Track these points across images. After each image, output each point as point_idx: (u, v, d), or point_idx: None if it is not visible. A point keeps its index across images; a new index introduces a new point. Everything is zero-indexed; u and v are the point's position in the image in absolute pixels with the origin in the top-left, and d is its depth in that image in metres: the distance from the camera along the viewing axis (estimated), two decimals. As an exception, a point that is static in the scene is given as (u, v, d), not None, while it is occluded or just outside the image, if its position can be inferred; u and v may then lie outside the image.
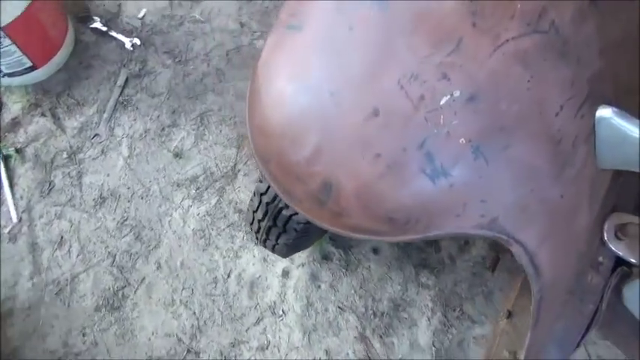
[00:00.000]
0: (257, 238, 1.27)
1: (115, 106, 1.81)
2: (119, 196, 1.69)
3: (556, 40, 0.67)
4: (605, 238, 0.94)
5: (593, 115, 0.72)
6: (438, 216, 0.70)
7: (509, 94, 0.66)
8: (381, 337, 1.61)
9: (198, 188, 1.74)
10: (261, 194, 1.07)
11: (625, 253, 0.95)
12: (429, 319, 1.65)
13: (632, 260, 0.95)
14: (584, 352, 1.58)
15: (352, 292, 1.66)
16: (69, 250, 1.60)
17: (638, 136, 0.71)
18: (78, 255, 1.60)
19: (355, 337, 1.60)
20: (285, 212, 1.05)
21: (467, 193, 0.68)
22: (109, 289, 1.58)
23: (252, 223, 1.22)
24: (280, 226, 1.11)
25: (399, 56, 0.65)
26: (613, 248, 0.95)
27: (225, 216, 1.71)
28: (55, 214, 1.64)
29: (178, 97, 1.86)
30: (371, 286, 1.67)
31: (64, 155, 1.71)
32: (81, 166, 1.71)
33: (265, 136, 0.72)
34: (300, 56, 0.69)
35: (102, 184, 1.69)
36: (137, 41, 1.89)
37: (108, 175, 1.71)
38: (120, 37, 1.89)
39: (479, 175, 0.67)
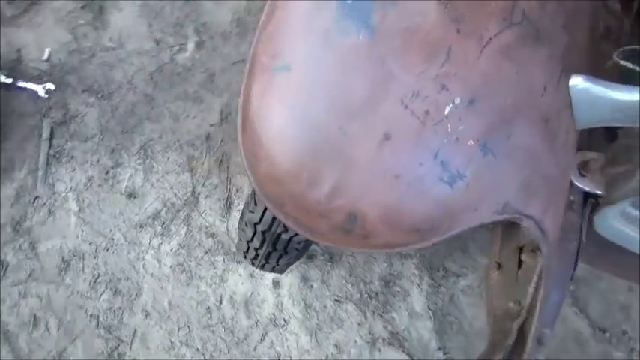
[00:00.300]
0: (253, 264, 1.25)
1: (48, 161, 1.67)
2: (83, 254, 1.58)
3: (529, 27, 0.71)
4: (572, 178, 1.03)
5: (567, 85, 0.78)
6: (459, 215, 0.73)
7: (502, 88, 0.69)
8: (381, 315, 1.67)
9: (163, 223, 1.67)
10: (255, 224, 1.06)
11: (591, 188, 1.05)
12: (419, 286, 1.73)
13: (598, 192, 1.05)
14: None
15: (343, 282, 1.69)
16: (47, 327, 1.49)
17: (609, 95, 0.78)
18: (58, 329, 1.49)
19: (359, 324, 1.64)
20: (284, 236, 1.05)
21: (481, 188, 0.72)
22: (103, 352, 1.50)
23: (246, 252, 1.20)
24: (280, 249, 1.10)
25: (396, 77, 0.66)
26: (580, 185, 1.04)
27: (199, 244, 1.66)
28: (20, 294, 1.51)
29: (113, 135, 1.75)
30: (359, 271, 1.71)
31: (8, 229, 1.57)
32: (31, 236, 1.57)
33: (277, 182, 0.71)
34: (297, 97, 0.68)
35: (60, 248, 1.58)
36: (51, 86, 1.73)
37: (64, 237, 1.59)
38: (30, 85, 1.72)
39: (489, 169, 0.71)
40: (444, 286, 1.76)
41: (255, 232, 1.08)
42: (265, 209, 1.01)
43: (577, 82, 0.79)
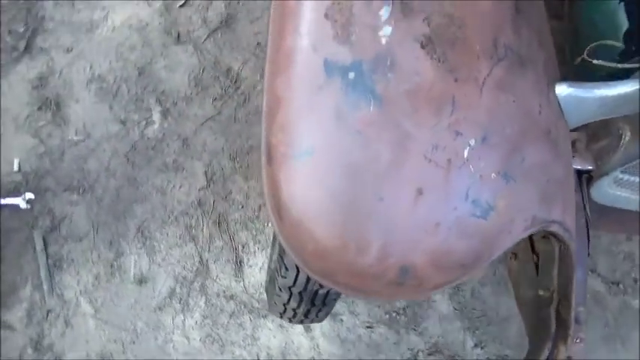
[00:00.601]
0: (291, 322, 1.27)
1: (49, 271, 1.63)
2: (111, 354, 1.56)
3: (513, 57, 0.77)
4: (566, 162, 1.09)
5: (555, 94, 0.85)
6: (496, 242, 0.78)
7: (506, 119, 0.75)
8: (414, 329, 1.71)
9: (180, 300, 1.66)
10: (290, 287, 1.08)
11: (582, 165, 1.12)
12: (439, 290, 1.77)
13: (589, 167, 1.12)
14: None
15: (369, 307, 1.72)
16: None
17: (593, 94, 0.85)
18: None
19: (395, 343, 1.68)
20: (321, 292, 1.07)
21: (511, 212, 0.77)
22: None
23: (284, 313, 1.22)
24: (319, 304, 1.12)
25: (413, 136, 0.70)
26: (572, 166, 1.11)
27: (222, 310, 1.66)
28: (59, 414, 1.48)
29: (106, 226, 1.73)
30: (381, 292, 1.75)
31: (30, 351, 1.53)
32: (54, 351, 1.54)
33: (325, 257, 0.73)
34: (326, 176, 0.71)
35: (87, 355, 1.55)
36: (30, 195, 1.69)
37: (87, 342, 1.56)
38: (9, 201, 1.68)
39: (514, 193, 0.76)
40: (463, 283, 1.81)
41: (291, 295, 1.10)
42: (298, 272, 1.03)
43: (562, 90, 0.86)
